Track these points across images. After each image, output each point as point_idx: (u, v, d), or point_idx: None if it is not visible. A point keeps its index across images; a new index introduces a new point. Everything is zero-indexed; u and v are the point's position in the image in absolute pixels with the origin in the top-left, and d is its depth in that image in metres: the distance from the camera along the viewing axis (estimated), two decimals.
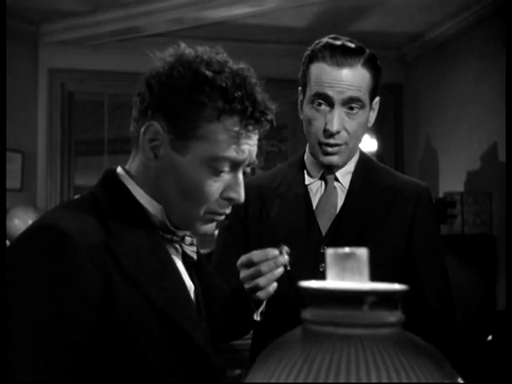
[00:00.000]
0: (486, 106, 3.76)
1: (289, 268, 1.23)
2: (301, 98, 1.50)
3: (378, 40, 4.27)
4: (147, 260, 0.99)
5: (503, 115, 3.34)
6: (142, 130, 1.00)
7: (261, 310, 1.30)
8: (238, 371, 2.86)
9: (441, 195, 4.00)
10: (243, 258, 1.28)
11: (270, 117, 1.02)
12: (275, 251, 1.23)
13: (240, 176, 1.04)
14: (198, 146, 0.98)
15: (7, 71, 3.98)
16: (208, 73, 0.98)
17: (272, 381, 0.46)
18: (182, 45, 1.03)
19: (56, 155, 4.46)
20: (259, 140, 1.06)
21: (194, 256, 1.09)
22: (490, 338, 2.78)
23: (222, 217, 1.05)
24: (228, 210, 1.05)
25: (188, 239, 1.07)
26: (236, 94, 0.97)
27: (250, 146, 1.02)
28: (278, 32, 4.38)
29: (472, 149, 3.89)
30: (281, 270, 1.23)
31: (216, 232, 1.67)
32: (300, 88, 1.50)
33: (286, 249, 1.23)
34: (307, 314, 0.49)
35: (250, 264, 1.25)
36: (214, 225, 1.06)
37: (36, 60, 4.40)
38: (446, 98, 4.26)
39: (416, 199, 1.49)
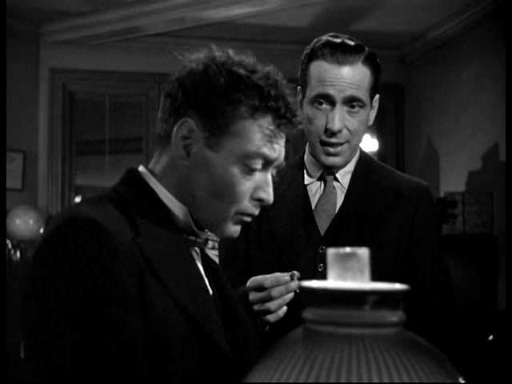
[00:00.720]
0: (487, 106, 3.76)
1: (298, 291, 1.24)
2: (300, 97, 1.49)
3: (379, 40, 4.27)
4: (174, 262, 0.98)
5: (504, 115, 3.34)
6: (176, 127, 1.00)
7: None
8: None
9: (442, 195, 4.00)
10: (253, 283, 1.28)
11: (299, 119, 1.03)
12: (286, 276, 1.25)
13: (269, 177, 1.04)
14: (232, 143, 0.99)
15: (8, 71, 3.98)
16: (242, 71, 0.99)
17: (273, 381, 0.46)
18: (213, 47, 1.04)
19: (57, 155, 4.46)
20: None
21: (217, 260, 1.09)
22: (491, 337, 2.78)
23: (249, 218, 1.04)
24: (257, 211, 1.04)
25: (210, 243, 1.06)
26: (271, 93, 0.99)
27: (280, 147, 1.03)
28: (278, 32, 4.38)
29: (473, 149, 3.89)
30: (291, 295, 1.25)
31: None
32: (299, 87, 1.49)
33: (297, 274, 1.25)
34: (308, 313, 0.49)
35: (259, 289, 1.26)
36: (239, 227, 1.05)
37: (37, 60, 4.41)
38: (447, 97, 4.26)
39: (417, 199, 1.48)
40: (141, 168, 1.06)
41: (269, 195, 1.03)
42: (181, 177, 1.02)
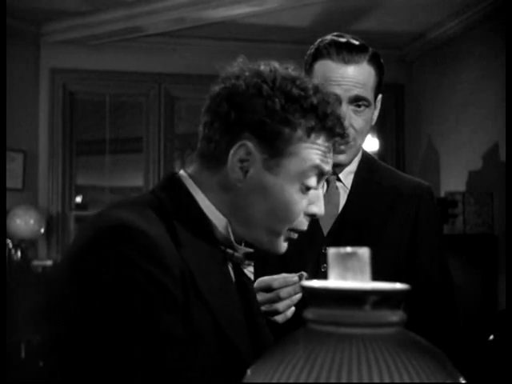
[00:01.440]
0: (488, 106, 3.76)
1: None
2: None
3: (380, 40, 4.26)
4: (214, 276, 0.98)
5: (504, 115, 3.34)
6: (233, 150, 0.98)
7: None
8: None
9: (442, 195, 4.00)
10: (262, 284, 1.28)
11: (348, 131, 1.06)
12: (295, 277, 1.25)
13: (320, 191, 1.05)
14: (291, 164, 0.99)
15: (8, 71, 3.98)
16: (296, 91, 0.98)
17: (273, 380, 0.46)
18: (261, 63, 1.02)
19: (57, 155, 4.46)
20: None
21: (252, 277, 1.09)
22: (491, 337, 2.78)
23: (297, 234, 1.05)
24: (305, 227, 1.05)
25: (247, 262, 1.06)
26: (327, 112, 0.99)
27: (331, 159, 1.04)
28: (279, 32, 4.38)
29: (473, 148, 3.89)
30: (299, 295, 1.25)
31: None
32: None
33: (305, 275, 1.26)
34: (309, 313, 0.49)
35: (268, 289, 1.26)
36: (287, 244, 1.06)
37: (37, 60, 4.41)
38: (447, 97, 4.26)
39: (419, 199, 1.48)
40: (182, 172, 1.04)
41: (321, 209, 1.05)
42: (235, 197, 1.01)
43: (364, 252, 0.50)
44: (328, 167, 1.03)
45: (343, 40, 1.42)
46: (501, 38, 3.47)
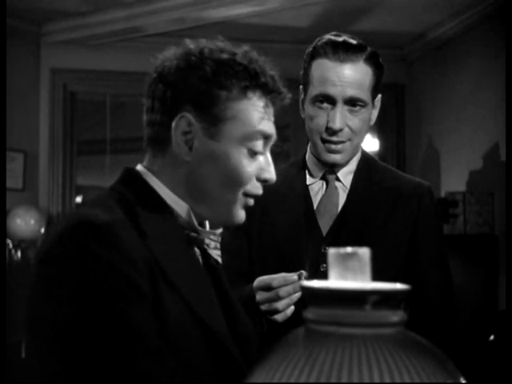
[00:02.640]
0: (488, 106, 3.76)
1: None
2: (302, 96, 1.49)
3: (380, 40, 4.26)
4: (182, 262, 0.99)
5: (505, 114, 3.34)
6: (174, 124, 0.99)
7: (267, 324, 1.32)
8: None
9: (443, 195, 3.99)
10: (261, 283, 1.29)
11: (286, 91, 1.06)
12: (294, 276, 1.26)
13: (269, 156, 1.06)
14: (231, 128, 1.00)
15: (9, 71, 3.98)
16: (225, 56, 1.01)
17: (274, 380, 0.46)
18: (187, 41, 1.04)
19: (58, 155, 4.46)
20: None
21: (220, 260, 1.09)
22: (491, 337, 2.78)
23: (253, 200, 1.06)
24: (260, 191, 1.06)
25: (212, 243, 1.07)
26: (257, 70, 1.01)
27: (272, 123, 1.05)
28: (279, 32, 4.38)
29: (474, 148, 3.89)
30: (298, 294, 1.26)
31: None
32: (301, 86, 1.49)
33: (304, 274, 1.26)
34: (309, 313, 0.49)
35: (267, 288, 1.27)
36: (244, 212, 1.07)
37: (38, 60, 4.41)
38: (447, 97, 4.26)
39: (418, 199, 1.48)
40: (139, 167, 1.05)
41: (272, 175, 1.06)
42: (186, 174, 1.02)
43: (364, 252, 0.50)
44: (270, 129, 1.04)
45: (340, 39, 1.43)
46: (501, 38, 3.47)
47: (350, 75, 1.40)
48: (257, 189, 1.05)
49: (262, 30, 4.35)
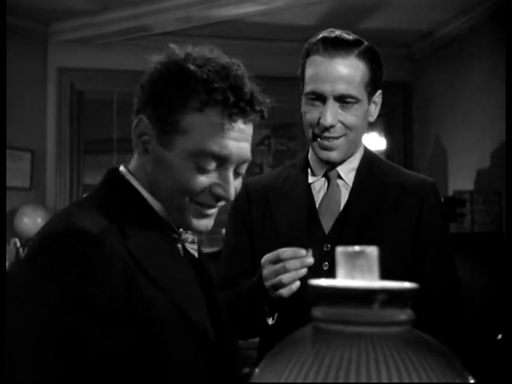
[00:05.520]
0: (496, 105, 3.74)
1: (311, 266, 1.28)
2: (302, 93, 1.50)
3: (388, 38, 4.25)
4: (164, 260, 1.01)
5: (505, 115, 3.32)
6: (133, 124, 1.03)
7: (276, 315, 1.32)
8: (246, 370, 2.85)
9: (450, 194, 3.98)
10: (270, 255, 1.30)
11: (258, 107, 1.00)
12: (303, 251, 1.27)
13: (229, 174, 1.01)
14: (183, 140, 0.99)
15: (16, 70, 4.00)
16: (192, 67, 0.99)
17: (282, 379, 0.46)
18: (172, 46, 1.05)
19: (65, 154, 4.47)
20: (267, 138, 1.06)
21: (195, 254, 1.10)
22: (499, 336, 2.77)
23: (212, 210, 1.03)
24: (216, 203, 1.03)
25: (190, 237, 1.08)
26: (217, 85, 0.97)
27: (237, 142, 0.99)
28: (285, 30, 4.37)
29: (482, 147, 3.88)
30: (305, 270, 1.26)
31: (223, 231, 1.67)
32: (301, 84, 1.50)
33: (311, 251, 1.28)
34: (317, 312, 0.49)
35: (276, 261, 1.28)
36: (208, 221, 1.04)
37: (45, 59, 4.42)
38: (455, 96, 4.24)
39: (422, 195, 1.47)
40: (121, 168, 1.08)
41: (227, 193, 1.01)
42: (149, 174, 1.04)
43: (372, 251, 0.50)
44: (226, 151, 0.98)
45: (332, 35, 1.43)
46: (510, 35, 3.45)
47: (340, 71, 1.40)
48: (209, 201, 1.02)
49: (268, 28, 4.34)
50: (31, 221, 3.98)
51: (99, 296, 0.89)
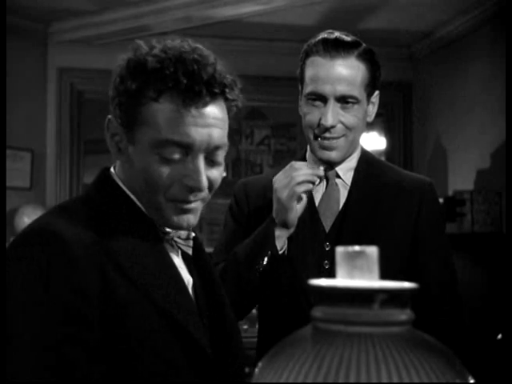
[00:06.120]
0: (496, 105, 3.74)
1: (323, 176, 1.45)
2: (300, 94, 1.51)
3: (388, 38, 4.25)
4: (144, 258, 0.99)
5: (505, 115, 3.33)
6: (105, 125, 1.03)
7: (265, 262, 1.36)
8: (246, 370, 2.85)
9: (450, 193, 3.98)
10: (281, 172, 1.40)
11: (217, 89, 0.97)
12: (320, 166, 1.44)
13: (198, 162, 0.97)
14: (143, 133, 0.98)
15: (16, 70, 4.00)
16: (149, 58, 0.98)
17: (282, 379, 0.46)
18: (138, 42, 1.04)
19: (65, 154, 4.47)
20: (267, 138, 1.06)
21: (189, 251, 1.07)
22: (499, 336, 2.77)
23: (190, 205, 1.00)
24: (192, 197, 1.00)
25: (183, 233, 1.06)
26: (168, 72, 0.95)
27: (198, 128, 0.96)
28: (286, 30, 4.37)
29: (482, 147, 3.88)
30: (316, 178, 1.39)
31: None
32: (300, 84, 1.51)
33: (324, 168, 1.44)
34: (317, 312, 0.49)
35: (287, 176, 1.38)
36: (189, 216, 1.01)
37: (45, 59, 4.42)
38: (455, 95, 4.24)
39: (420, 195, 1.48)
40: (111, 168, 1.08)
41: (198, 182, 0.97)
42: (126, 174, 1.03)
43: (372, 251, 0.50)
44: (188, 139, 0.95)
45: (332, 36, 1.44)
46: (510, 35, 3.45)
47: (341, 72, 1.41)
48: (181, 195, 0.98)
49: (268, 28, 4.34)
50: (31, 221, 3.98)
51: (64, 296, 0.88)
